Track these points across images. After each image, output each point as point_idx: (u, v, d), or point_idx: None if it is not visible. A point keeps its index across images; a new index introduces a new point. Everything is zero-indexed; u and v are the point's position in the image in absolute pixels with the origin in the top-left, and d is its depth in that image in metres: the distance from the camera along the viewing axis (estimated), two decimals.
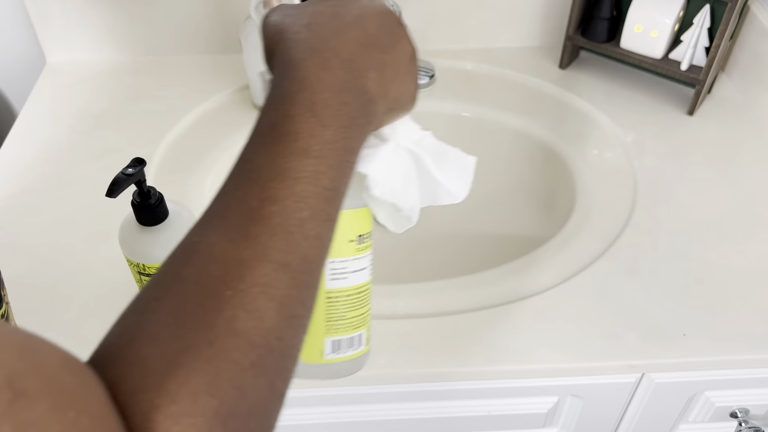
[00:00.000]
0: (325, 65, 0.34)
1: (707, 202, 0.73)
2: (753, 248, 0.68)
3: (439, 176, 0.42)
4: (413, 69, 0.39)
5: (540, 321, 0.61)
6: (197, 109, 0.86)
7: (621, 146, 0.80)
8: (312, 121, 0.32)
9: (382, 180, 0.39)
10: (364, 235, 0.43)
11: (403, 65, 0.38)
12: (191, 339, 0.27)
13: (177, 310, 0.28)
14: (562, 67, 0.91)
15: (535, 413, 0.66)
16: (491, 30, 0.94)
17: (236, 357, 0.27)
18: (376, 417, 0.66)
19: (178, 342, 0.27)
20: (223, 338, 0.27)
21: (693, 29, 0.81)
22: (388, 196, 0.40)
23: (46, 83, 0.91)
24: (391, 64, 0.37)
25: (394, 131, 0.40)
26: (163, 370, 0.26)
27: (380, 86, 0.36)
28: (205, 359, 0.26)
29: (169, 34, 0.92)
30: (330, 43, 0.35)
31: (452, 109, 0.87)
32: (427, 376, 0.59)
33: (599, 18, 0.86)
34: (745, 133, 0.82)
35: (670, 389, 0.64)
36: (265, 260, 0.29)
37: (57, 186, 0.75)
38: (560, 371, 0.60)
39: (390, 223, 0.43)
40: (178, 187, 0.74)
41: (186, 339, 0.27)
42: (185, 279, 0.29)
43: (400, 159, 0.41)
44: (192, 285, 0.28)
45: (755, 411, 0.67)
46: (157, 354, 0.26)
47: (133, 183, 0.49)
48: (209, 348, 0.27)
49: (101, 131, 0.82)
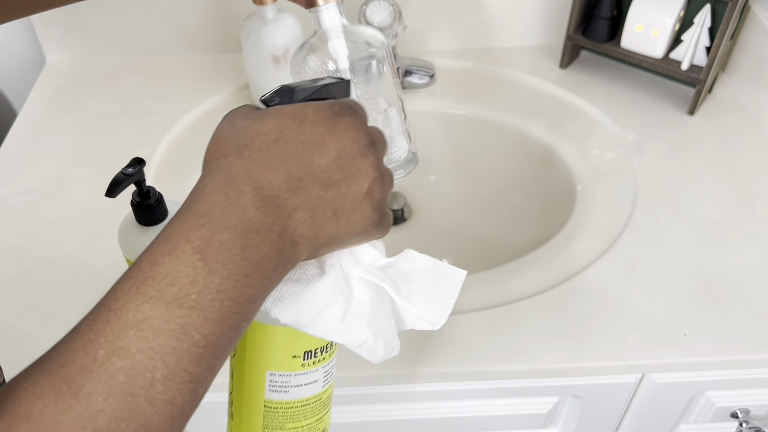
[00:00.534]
0: (237, 201, 0.30)
1: (707, 202, 0.72)
2: (753, 248, 0.68)
3: (407, 305, 0.39)
4: (367, 204, 0.34)
5: (540, 321, 0.61)
6: (197, 109, 0.86)
7: (621, 146, 0.80)
8: (198, 265, 0.28)
9: (316, 321, 0.36)
10: (315, 350, 0.40)
11: (350, 201, 0.33)
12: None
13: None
14: (563, 66, 0.91)
15: (536, 413, 0.66)
16: (491, 30, 0.94)
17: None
18: (376, 417, 0.66)
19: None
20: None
21: (693, 29, 0.81)
22: (322, 335, 0.36)
23: (46, 83, 0.91)
24: (332, 202, 0.33)
25: (354, 259, 0.38)
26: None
27: (309, 227, 0.32)
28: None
29: (169, 34, 0.92)
30: (254, 175, 0.31)
31: (452, 109, 0.87)
32: (427, 376, 0.59)
33: (600, 18, 0.86)
34: (745, 133, 0.82)
35: (671, 389, 0.64)
36: (87, 428, 0.25)
37: (57, 186, 0.75)
38: (560, 371, 0.60)
39: (363, 353, 0.39)
40: (178, 187, 0.74)
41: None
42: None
43: (358, 288, 0.37)
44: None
45: (756, 411, 0.67)
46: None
47: (133, 183, 0.49)
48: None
49: (101, 131, 0.82)
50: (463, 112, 0.87)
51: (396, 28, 0.81)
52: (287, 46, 0.79)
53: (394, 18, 0.80)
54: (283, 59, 0.80)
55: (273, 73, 0.81)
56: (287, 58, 0.80)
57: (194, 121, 0.85)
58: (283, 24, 0.78)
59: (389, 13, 0.80)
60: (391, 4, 0.79)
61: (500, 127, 0.86)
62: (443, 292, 0.40)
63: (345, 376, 0.59)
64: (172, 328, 0.27)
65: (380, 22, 0.80)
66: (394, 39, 0.81)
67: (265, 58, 0.79)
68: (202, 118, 0.85)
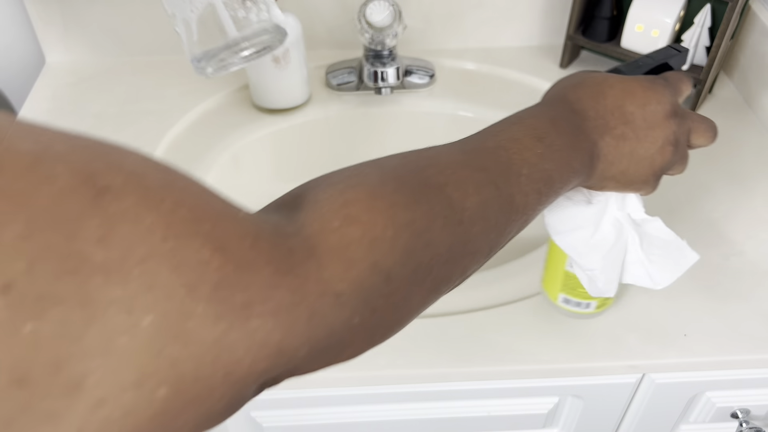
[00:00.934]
0: (570, 113, 0.40)
1: (707, 202, 0.72)
2: (753, 248, 0.68)
3: (644, 259, 0.46)
4: (657, 158, 0.42)
5: (540, 321, 0.61)
6: (197, 109, 0.85)
7: None
8: (551, 129, 0.38)
9: (566, 234, 0.46)
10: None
11: (643, 149, 0.41)
12: (400, 184, 0.29)
13: (397, 168, 0.31)
14: (563, 66, 0.91)
15: (536, 414, 0.66)
16: (491, 30, 0.94)
17: (433, 212, 0.30)
18: (376, 417, 0.66)
19: (388, 180, 0.30)
20: (430, 191, 0.30)
21: (694, 29, 0.81)
22: (566, 248, 0.46)
23: (46, 83, 0.91)
24: (631, 142, 0.40)
25: (620, 202, 0.45)
26: (347, 186, 0.28)
27: (610, 152, 0.40)
28: (408, 192, 0.29)
29: (169, 34, 0.92)
30: (582, 101, 0.41)
31: (452, 109, 0.87)
32: (427, 376, 0.59)
33: (600, 17, 0.86)
34: (745, 132, 0.82)
35: (671, 390, 0.63)
36: (487, 181, 0.33)
37: None
38: (561, 371, 0.59)
39: (584, 280, 0.48)
40: None
41: (392, 181, 0.29)
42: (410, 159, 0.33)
43: (608, 227, 0.45)
44: (413, 160, 0.32)
45: (756, 411, 0.67)
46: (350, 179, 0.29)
47: None
48: (415, 193, 0.29)
49: (101, 131, 0.82)
50: (463, 112, 0.87)
51: (396, 28, 0.81)
52: (287, 46, 0.79)
53: (394, 18, 0.80)
54: (283, 59, 0.80)
55: (273, 73, 0.81)
56: (287, 58, 0.80)
57: (194, 121, 0.85)
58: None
59: (389, 13, 0.80)
60: (391, 4, 0.79)
61: None
62: (675, 263, 0.47)
63: (345, 376, 0.59)
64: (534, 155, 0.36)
65: (380, 22, 0.80)
66: (394, 39, 0.82)
67: (265, 58, 0.79)
68: (202, 118, 0.85)
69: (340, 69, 0.88)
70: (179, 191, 0.21)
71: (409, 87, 0.88)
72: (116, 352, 0.18)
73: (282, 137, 0.86)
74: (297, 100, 0.85)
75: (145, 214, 0.19)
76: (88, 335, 0.18)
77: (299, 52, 0.81)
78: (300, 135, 0.87)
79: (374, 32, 0.80)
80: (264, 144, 0.85)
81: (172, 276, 0.20)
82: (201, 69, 0.61)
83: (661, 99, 0.41)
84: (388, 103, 0.88)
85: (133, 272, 0.19)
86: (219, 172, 0.78)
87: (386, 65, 0.83)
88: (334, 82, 0.88)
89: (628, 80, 0.41)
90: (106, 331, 0.18)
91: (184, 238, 0.20)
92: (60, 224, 0.18)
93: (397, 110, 0.88)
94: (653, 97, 0.41)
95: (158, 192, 0.21)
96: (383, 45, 0.82)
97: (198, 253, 0.20)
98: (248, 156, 0.83)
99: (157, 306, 0.19)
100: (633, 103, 0.40)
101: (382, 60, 0.83)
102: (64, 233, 0.18)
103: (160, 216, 0.20)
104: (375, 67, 0.83)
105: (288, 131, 0.86)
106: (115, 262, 0.19)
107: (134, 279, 0.19)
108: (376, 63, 0.83)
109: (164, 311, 0.19)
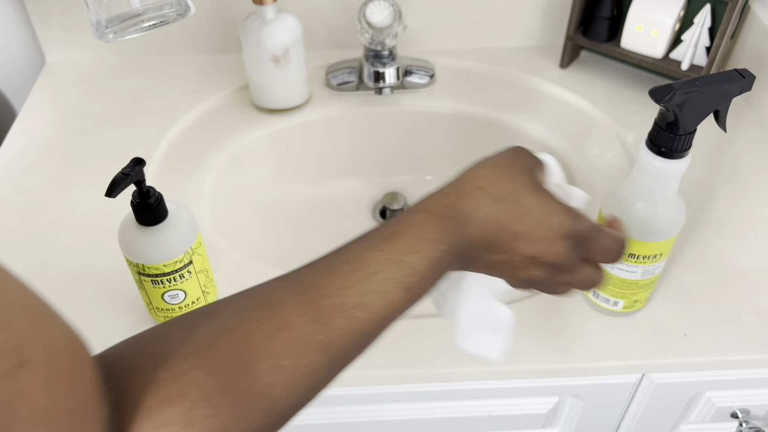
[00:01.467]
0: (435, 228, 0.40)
1: (707, 202, 0.72)
2: (753, 248, 0.68)
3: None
4: (529, 265, 0.41)
5: (540, 321, 0.61)
6: (197, 109, 0.85)
7: (621, 146, 0.80)
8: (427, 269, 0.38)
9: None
10: (638, 255, 0.56)
11: (518, 256, 0.40)
12: (217, 384, 0.30)
13: (221, 355, 0.30)
14: (563, 66, 0.91)
15: (536, 413, 0.66)
16: (491, 30, 0.94)
17: (255, 419, 0.31)
18: (376, 417, 0.66)
19: (206, 381, 0.29)
20: (254, 400, 0.31)
21: (694, 29, 0.81)
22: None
23: (46, 83, 0.91)
24: (504, 235, 0.40)
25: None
26: (170, 397, 0.28)
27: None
28: (215, 405, 0.29)
29: (169, 34, 0.92)
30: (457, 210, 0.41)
31: (452, 109, 0.87)
32: (427, 376, 0.59)
33: (600, 17, 0.86)
34: (745, 132, 0.82)
35: (671, 389, 0.63)
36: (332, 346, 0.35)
37: (57, 186, 0.75)
38: (561, 371, 0.60)
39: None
40: (178, 187, 0.74)
41: (215, 384, 0.29)
42: (251, 316, 0.33)
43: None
44: (241, 335, 0.32)
45: (756, 411, 0.67)
46: (174, 378, 0.29)
47: (133, 183, 0.49)
48: (235, 398, 0.30)
49: (101, 131, 0.82)
50: (463, 112, 0.87)
51: (396, 28, 0.81)
52: (287, 46, 0.79)
53: (394, 18, 0.80)
54: (283, 59, 0.80)
55: (273, 73, 0.81)
56: (287, 58, 0.80)
57: (194, 121, 0.85)
58: (283, 24, 0.78)
59: (389, 13, 0.80)
60: (391, 4, 0.79)
61: (500, 127, 0.86)
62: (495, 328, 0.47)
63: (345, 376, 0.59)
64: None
65: (380, 22, 0.80)
66: (394, 39, 0.82)
67: (265, 58, 0.79)
68: (202, 118, 0.85)
69: (340, 69, 0.88)
70: (76, 381, 0.25)
71: (409, 87, 0.88)
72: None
73: (282, 137, 0.86)
74: (297, 100, 0.85)
75: (39, 398, 0.22)
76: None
77: (299, 52, 0.81)
78: (300, 135, 0.87)
79: (374, 32, 0.80)
80: (264, 144, 0.85)
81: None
82: (103, 34, 0.67)
83: (564, 219, 0.40)
84: (388, 103, 0.88)
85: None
86: (219, 172, 0.78)
87: (386, 65, 0.83)
88: (334, 82, 0.88)
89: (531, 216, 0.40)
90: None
91: (57, 428, 0.23)
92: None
93: (397, 110, 0.88)
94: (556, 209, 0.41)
95: (60, 379, 0.24)
96: (383, 45, 0.82)
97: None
98: (248, 156, 0.83)
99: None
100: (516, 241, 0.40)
101: (382, 60, 0.83)
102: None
103: (48, 402, 0.23)
104: (375, 67, 0.83)
105: (288, 131, 0.86)
106: (5, 425, 0.21)
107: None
108: (376, 63, 0.83)
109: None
